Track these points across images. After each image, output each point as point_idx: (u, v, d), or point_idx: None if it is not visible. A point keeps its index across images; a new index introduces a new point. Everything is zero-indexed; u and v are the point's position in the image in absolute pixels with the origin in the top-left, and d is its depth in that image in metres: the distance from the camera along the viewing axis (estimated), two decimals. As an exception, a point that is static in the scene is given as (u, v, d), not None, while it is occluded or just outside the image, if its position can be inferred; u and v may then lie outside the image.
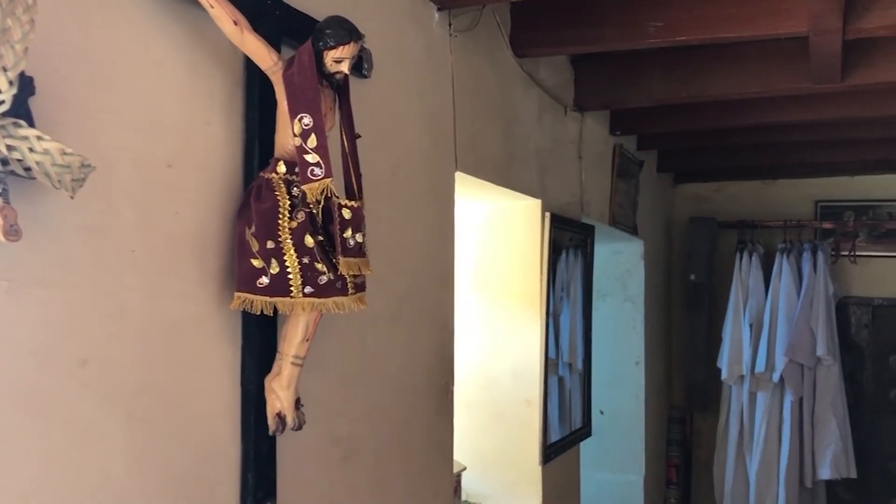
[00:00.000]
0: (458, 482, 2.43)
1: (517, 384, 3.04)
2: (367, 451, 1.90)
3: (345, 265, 1.43)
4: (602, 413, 4.72)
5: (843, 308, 4.99)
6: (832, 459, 4.60)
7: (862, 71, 2.88)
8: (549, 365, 3.27)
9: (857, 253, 4.98)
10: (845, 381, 4.83)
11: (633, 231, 4.43)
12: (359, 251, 1.46)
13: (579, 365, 3.58)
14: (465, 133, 2.38)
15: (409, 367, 2.10)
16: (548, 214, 3.02)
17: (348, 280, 1.45)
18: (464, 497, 3.02)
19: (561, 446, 3.17)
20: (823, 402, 4.66)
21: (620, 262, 4.77)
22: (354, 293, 1.46)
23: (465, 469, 2.48)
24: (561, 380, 3.45)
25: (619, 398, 4.73)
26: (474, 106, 2.46)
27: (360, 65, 1.79)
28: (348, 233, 1.45)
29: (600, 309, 4.76)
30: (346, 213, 1.45)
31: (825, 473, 4.62)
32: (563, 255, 3.40)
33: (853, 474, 4.66)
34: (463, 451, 3.01)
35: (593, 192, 3.70)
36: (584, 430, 3.52)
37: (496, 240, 3.07)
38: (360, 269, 1.46)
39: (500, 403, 3.04)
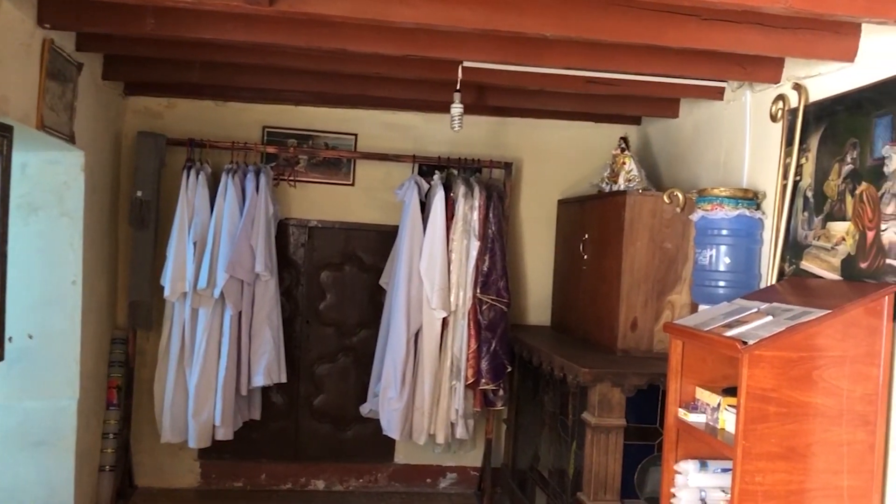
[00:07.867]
0: None
1: None
2: None
3: None
4: (31, 337, 4.32)
5: (283, 228, 5.40)
6: (266, 367, 4.97)
7: (290, -1, 3.02)
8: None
9: (297, 178, 5.40)
10: (283, 296, 5.26)
11: (71, 139, 4.07)
12: None
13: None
14: None
15: None
16: (-60, 104, 2.55)
17: None
18: None
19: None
20: (260, 315, 4.99)
21: (57, 174, 4.36)
22: None
23: None
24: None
25: (53, 321, 4.37)
26: None
27: None
28: None
29: (32, 224, 4.33)
30: None
31: (259, 381, 4.98)
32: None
33: (283, 379, 5.11)
34: None
35: (13, 89, 3.26)
36: (-6, 355, 3.15)
37: None
38: None
39: None
